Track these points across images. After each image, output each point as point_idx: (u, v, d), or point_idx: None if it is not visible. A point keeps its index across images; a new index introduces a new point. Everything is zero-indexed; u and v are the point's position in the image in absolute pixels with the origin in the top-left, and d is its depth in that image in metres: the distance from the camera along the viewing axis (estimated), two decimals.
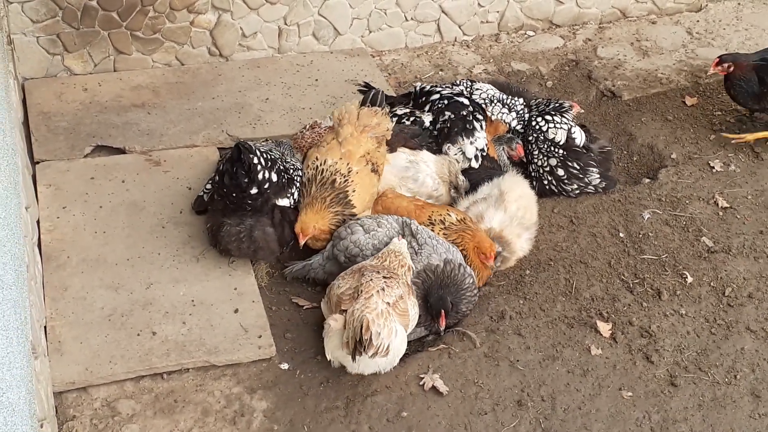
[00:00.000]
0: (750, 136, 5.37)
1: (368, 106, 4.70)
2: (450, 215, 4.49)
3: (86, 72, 5.59)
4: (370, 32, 6.11)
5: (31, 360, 3.26)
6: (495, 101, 5.27)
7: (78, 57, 5.53)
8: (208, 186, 4.62)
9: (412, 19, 6.17)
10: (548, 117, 5.11)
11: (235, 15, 5.71)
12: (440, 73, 6.01)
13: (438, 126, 4.95)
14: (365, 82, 5.38)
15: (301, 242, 4.37)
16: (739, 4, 6.80)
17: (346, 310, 3.88)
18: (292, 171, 4.53)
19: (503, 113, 5.24)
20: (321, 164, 4.46)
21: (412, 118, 4.99)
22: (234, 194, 4.31)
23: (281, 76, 5.77)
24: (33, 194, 4.59)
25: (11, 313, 2.95)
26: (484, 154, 4.89)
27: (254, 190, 4.31)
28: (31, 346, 3.32)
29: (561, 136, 5.03)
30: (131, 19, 5.49)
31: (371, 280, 3.92)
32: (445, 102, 4.99)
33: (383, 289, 3.89)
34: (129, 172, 4.90)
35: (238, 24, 5.75)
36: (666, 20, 6.67)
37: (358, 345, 3.73)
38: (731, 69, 5.37)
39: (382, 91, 4.86)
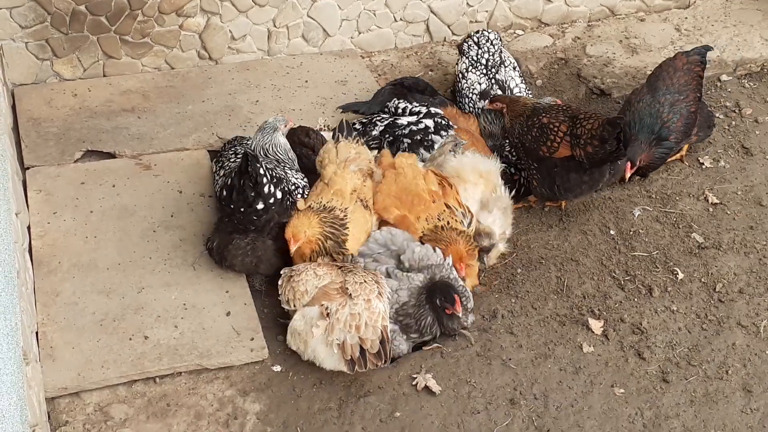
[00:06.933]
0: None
1: (339, 137, 4.59)
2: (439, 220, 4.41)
3: (76, 77, 5.58)
4: (360, 33, 6.11)
5: (23, 366, 3.26)
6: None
7: (67, 62, 5.52)
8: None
9: (401, 19, 6.17)
10: None
11: (224, 18, 5.70)
12: (430, 73, 6.01)
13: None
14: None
15: (292, 248, 4.20)
16: (727, 0, 6.81)
17: (326, 305, 3.92)
18: (295, 191, 4.47)
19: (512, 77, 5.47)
20: (319, 202, 4.37)
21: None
22: (242, 209, 4.20)
23: (271, 78, 5.77)
24: (23, 200, 4.59)
25: (1, 319, 2.96)
26: None
27: (260, 205, 4.19)
28: (22, 352, 3.32)
29: None
30: (120, 23, 5.48)
31: (364, 281, 3.95)
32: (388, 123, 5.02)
33: (381, 294, 3.93)
34: (119, 177, 4.89)
35: (227, 27, 5.75)
36: (654, 17, 6.68)
37: (373, 357, 3.84)
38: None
39: (346, 120, 4.72)
